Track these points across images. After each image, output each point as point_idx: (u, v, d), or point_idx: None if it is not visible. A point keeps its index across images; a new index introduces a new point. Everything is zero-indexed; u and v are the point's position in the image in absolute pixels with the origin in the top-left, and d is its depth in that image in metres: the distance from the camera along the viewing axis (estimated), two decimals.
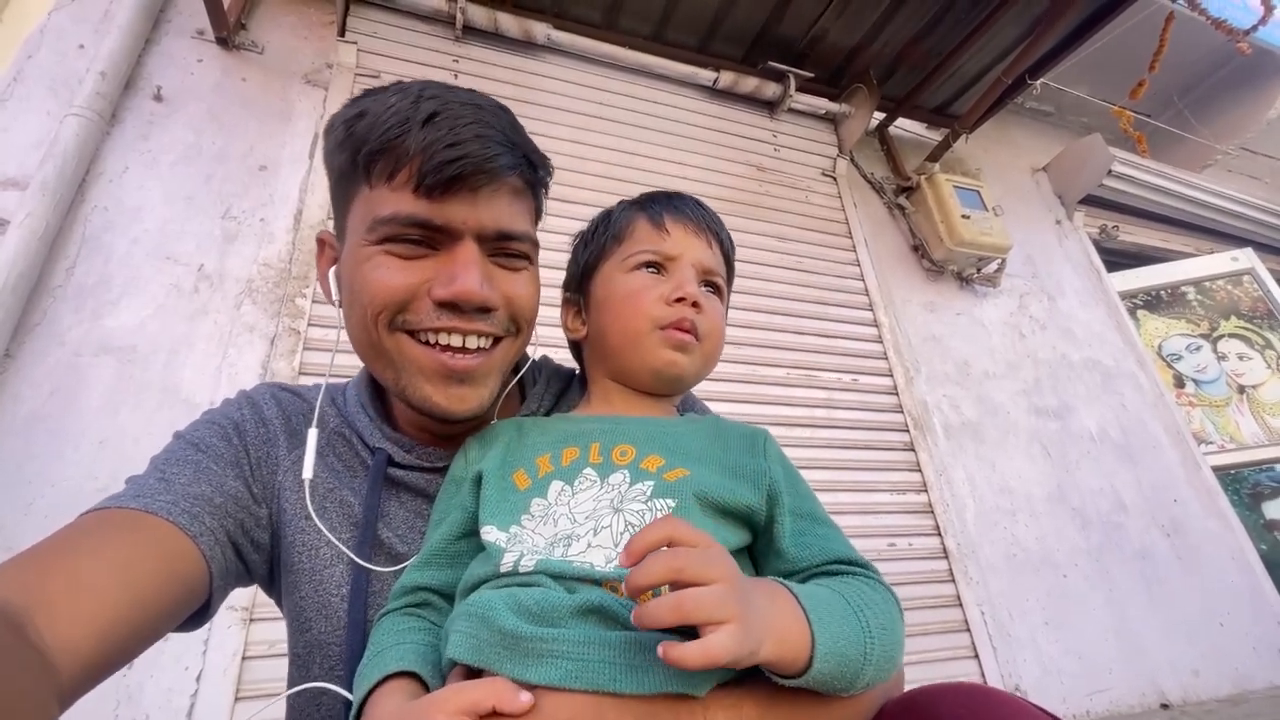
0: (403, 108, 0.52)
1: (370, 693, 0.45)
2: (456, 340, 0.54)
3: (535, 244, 0.60)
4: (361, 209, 0.55)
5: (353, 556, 0.56)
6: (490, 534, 0.50)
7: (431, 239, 0.53)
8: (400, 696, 0.44)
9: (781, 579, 0.44)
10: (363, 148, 0.52)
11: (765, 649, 0.37)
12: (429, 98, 0.52)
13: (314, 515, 0.56)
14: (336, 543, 0.56)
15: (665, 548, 0.37)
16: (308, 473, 0.57)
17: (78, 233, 1.58)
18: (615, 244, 0.64)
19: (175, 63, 1.86)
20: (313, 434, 0.59)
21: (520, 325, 0.59)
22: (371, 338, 0.55)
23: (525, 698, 0.38)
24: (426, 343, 0.54)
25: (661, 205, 0.65)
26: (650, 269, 0.62)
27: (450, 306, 0.53)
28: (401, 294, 0.53)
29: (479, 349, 0.55)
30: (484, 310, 0.54)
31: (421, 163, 0.50)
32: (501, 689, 0.38)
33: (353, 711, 0.45)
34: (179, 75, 1.85)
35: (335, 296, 0.59)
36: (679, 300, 0.59)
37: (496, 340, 0.57)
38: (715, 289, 0.64)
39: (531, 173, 0.58)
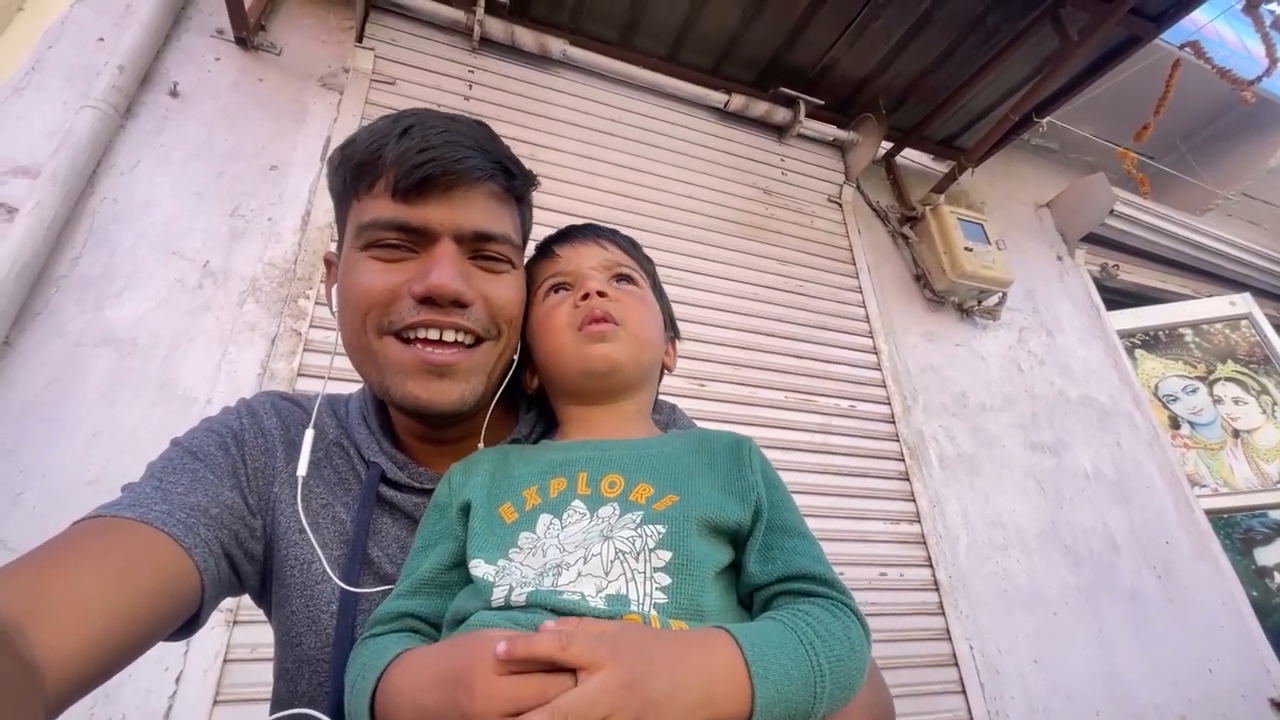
0: (384, 127, 0.57)
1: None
2: (434, 334, 0.56)
3: (518, 248, 0.63)
4: (352, 220, 0.59)
5: (334, 578, 0.56)
6: (479, 568, 0.49)
7: (412, 242, 0.56)
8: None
9: (729, 626, 0.44)
10: (350, 164, 0.57)
11: None
12: (408, 116, 0.58)
13: (304, 520, 0.56)
14: (322, 560, 0.56)
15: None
16: (302, 470, 0.58)
17: (85, 224, 1.58)
18: (527, 291, 0.67)
19: (193, 60, 1.88)
20: (309, 435, 0.60)
21: (500, 327, 0.60)
22: (361, 341, 0.57)
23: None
24: (408, 341, 0.56)
25: (550, 239, 0.69)
26: (557, 291, 0.64)
27: (427, 301, 0.55)
28: (383, 294, 0.55)
29: (457, 343, 0.57)
30: (460, 305, 0.56)
31: (396, 169, 0.54)
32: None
33: (364, 702, 0.44)
34: (196, 73, 1.86)
35: (335, 310, 0.62)
36: (584, 299, 0.61)
37: (478, 340, 0.58)
38: (628, 279, 0.66)
39: (508, 180, 0.60)
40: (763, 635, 0.43)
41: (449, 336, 0.56)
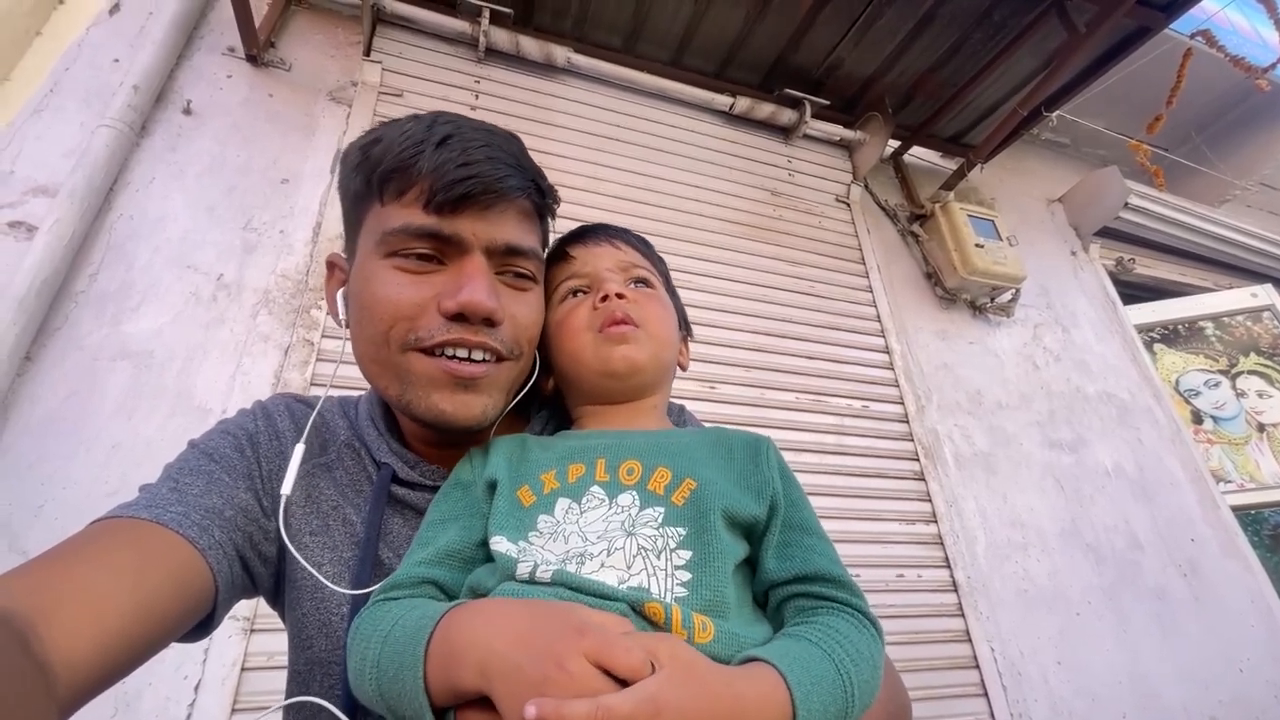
0: (417, 132, 0.54)
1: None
2: (463, 353, 0.54)
3: (541, 263, 0.62)
4: (373, 225, 0.56)
5: (330, 585, 0.56)
6: (501, 544, 0.50)
7: (441, 252, 0.54)
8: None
9: (774, 661, 0.42)
10: (378, 168, 0.54)
11: None
12: (443, 123, 0.55)
13: (287, 540, 0.56)
14: (316, 574, 0.56)
15: None
16: (287, 488, 0.57)
17: (103, 240, 1.61)
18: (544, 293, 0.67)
19: (205, 78, 1.91)
20: (298, 450, 0.59)
21: (523, 348, 0.59)
22: (382, 354, 0.55)
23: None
24: (433, 355, 0.55)
25: (563, 241, 0.69)
26: (574, 294, 0.64)
27: (458, 318, 0.53)
28: (410, 308, 0.53)
29: (484, 361, 0.56)
30: (490, 324, 0.55)
31: (433, 180, 0.52)
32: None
33: (420, 648, 0.43)
34: (208, 90, 1.90)
35: (342, 316, 0.60)
36: (604, 300, 0.61)
37: (501, 359, 0.57)
38: (644, 282, 0.66)
39: (540, 197, 0.59)
40: (807, 669, 0.42)
41: (476, 355, 0.55)
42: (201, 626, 0.52)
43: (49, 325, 1.49)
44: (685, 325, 0.72)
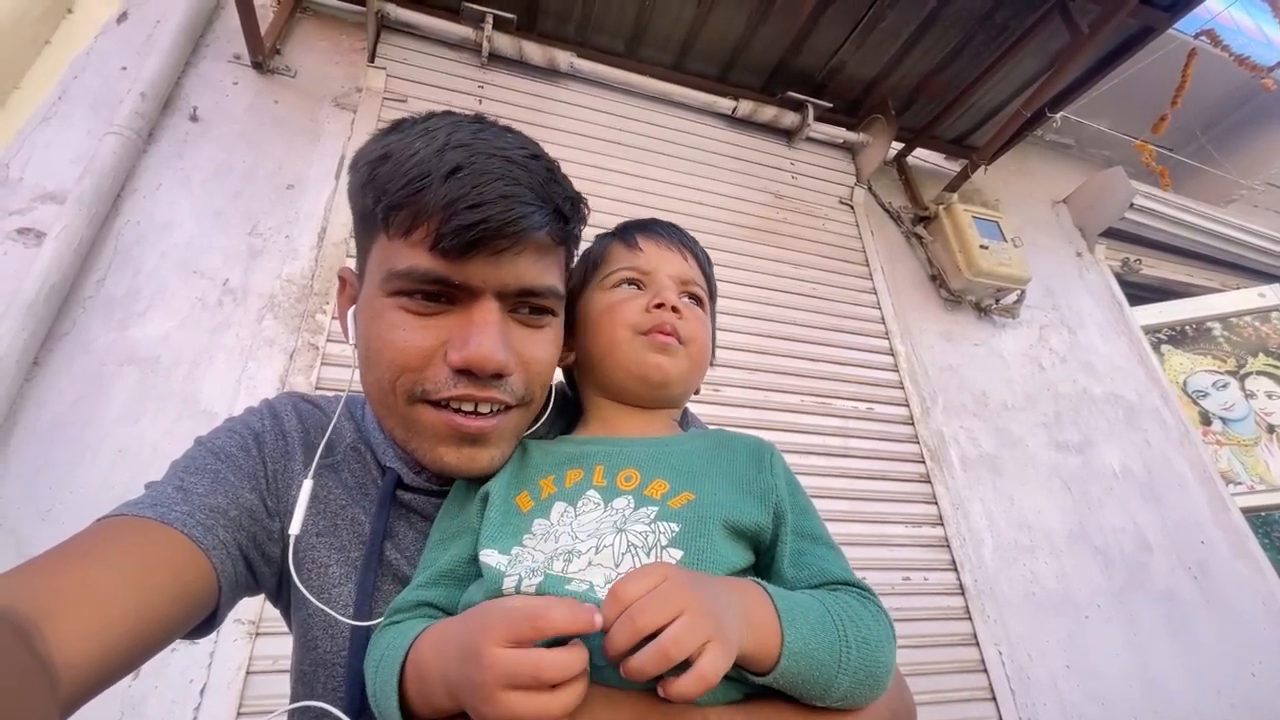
0: (426, 157, 0.49)
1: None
2: (469, 406, 0.54)
3: (560, 297, 0.58)
4: (379, 256, 0.54)
5: (329, 612, 0.56)
6: (491, 557, 0.49)
7: (449, 294, 0.52)
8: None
9: (758, 579, 0.46)
10: (382, 198, 0.51)
11: (743, 643, 0.40)
12: (454, 147, 0.50)
13: (296, 578, 0.56)
14: (316, 603, 0.56)
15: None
16: (295, 528, 0.56)
17: (110, 246, 1.63)
18: (593, 270, 0.66)
19: (211, 85, 1.93)
20: (306, 486, 0.58)
21: (534, 393, 0.58)
22: (388, 401, 0.55)
23: (598, 619, 0.38)
24: (440, 405, 0.54)
25: (634, 227, 0.68)
26: (628, 285, 0.64)
27: (464, 372, 0.52)
28: (417, 357, 0.52)
29: (493, 413, 0.55)
30: (498, 376, 0.53)
31: (440, 222, 0.48)
32: (573, 608, 0.38)
33: (393, 678, 0.45)
34: (214, 97, 1.91)
35: (352, 339, 0.59)
36: (658, 307, 0.60)
37: (510, 408, 0.56)
38: (696, 299, 0.66)
39: (562, 227, 0.55)
40: (789, 595, 0.45)
41: (484, 409, 0.54)
42: (204, 624, 0.52)
43: (57, 330, 1.50)
44: (712, 353, 0.72)
